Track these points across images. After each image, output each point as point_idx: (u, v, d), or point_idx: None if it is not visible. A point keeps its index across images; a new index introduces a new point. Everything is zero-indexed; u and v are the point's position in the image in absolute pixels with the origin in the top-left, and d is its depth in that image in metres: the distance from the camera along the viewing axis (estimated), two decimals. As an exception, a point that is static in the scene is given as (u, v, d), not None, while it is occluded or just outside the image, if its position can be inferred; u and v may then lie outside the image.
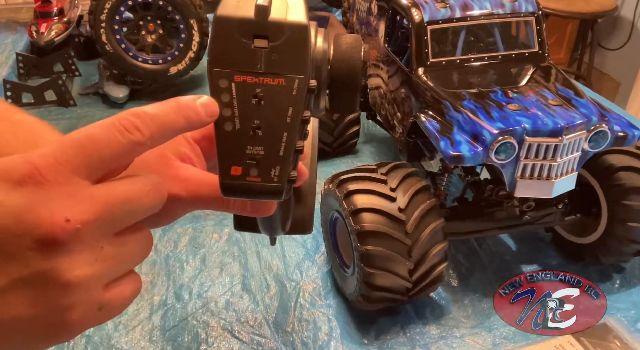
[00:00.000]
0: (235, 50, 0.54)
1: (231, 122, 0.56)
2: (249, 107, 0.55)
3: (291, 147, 0.56)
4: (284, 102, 0.55)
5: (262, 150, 0.56)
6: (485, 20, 2.48)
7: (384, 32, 2.78)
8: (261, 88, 0.55)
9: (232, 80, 0.55)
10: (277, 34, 0.54)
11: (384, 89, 2.82)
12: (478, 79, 2.30)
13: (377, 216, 1.90)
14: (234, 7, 0.54)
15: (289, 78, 0.55)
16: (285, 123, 0.56)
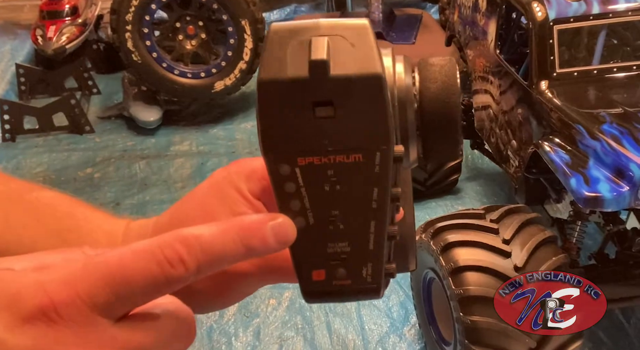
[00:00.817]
0: (293, 124, 0.53)
1: (303, 217, 0.56)
2: (322, 196, 0.55)
3: (382, 237, 0.57)
4: (365, 182, 0.55)
5: (347, 247, 0.57)
6: (634, 17, 2.49)
7: (495, 34, 2.84)
8: (334, 169, 0.54)
9: (295, 165, 0.54)
10: (345, 95, 0.52)
11: (494, 108, 2.86)
12: (623, 95, 2.32)
13: (485, 277, 1.94)
14: (279, 65, 0.52)
15: (368, 151, 0.54)
16: (370, 209, 0.56)
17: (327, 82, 0.51)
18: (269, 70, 0.52)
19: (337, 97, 0.52)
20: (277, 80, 0.52)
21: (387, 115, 0.53)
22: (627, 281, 2.22)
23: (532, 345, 1.92)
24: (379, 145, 0.53)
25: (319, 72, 0.51)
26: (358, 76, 0.51)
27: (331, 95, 0.52)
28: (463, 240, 1.99)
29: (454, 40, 3.69)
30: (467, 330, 1.91)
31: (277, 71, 0.52)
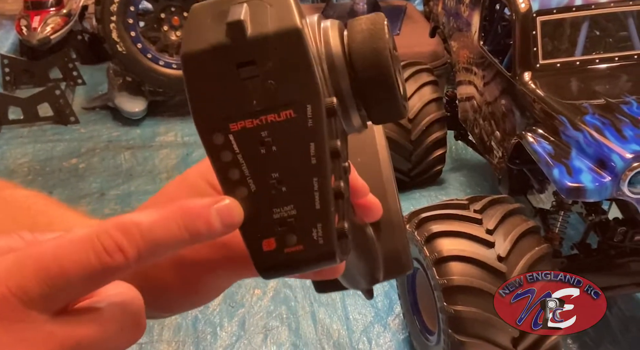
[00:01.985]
0: (220, 91, 0.52)
1: (244, 186, 0.54)
2: (260, 159, 0.53)
3: (328, 194, 0.54)
4: (300, 139, 0.53)
5: (293, 209, 0.54)
6: (616, 8, 2.50)
7: (478, 25, 2.84)
8: (267, 130, 0.53)
9: (228, 132, 0.53)
10: (265, 53, 0.52)
11: (478, 100, 2.87)
12: (605, 86, 2.32)
13: (469, 267, 1.94)
14: (200, 35, 0.52)
15: (298, 105, 0.52)
16: (310, 165, 0.53)
17: (247, 43, 0.51)
18: (190, 43, 0.52)
19: (258, 55, 0.51)
20: (199, 51, 0.52)
21: (310, 66, 0.52)
22: (608, 271, 2.24)
23: (515, 334, 1.93)
24: (308, 98, 0.52)
25: (237, 33, 0.51)
26: (275, 32, 0.51)
27: (252, 54, 0.51)
28: (447, 231, 2.00)
29: (438, 31, 3.70)
30: (451, 320, 1.91)
31: (198, 42, 0.52)
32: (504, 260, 1.94)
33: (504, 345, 1.94)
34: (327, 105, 0.53)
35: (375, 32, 0.58)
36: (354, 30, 0.58)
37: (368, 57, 0.57)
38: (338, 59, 0.56)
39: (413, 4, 5.10)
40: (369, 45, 0.57)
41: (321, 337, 2.21)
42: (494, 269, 1.93)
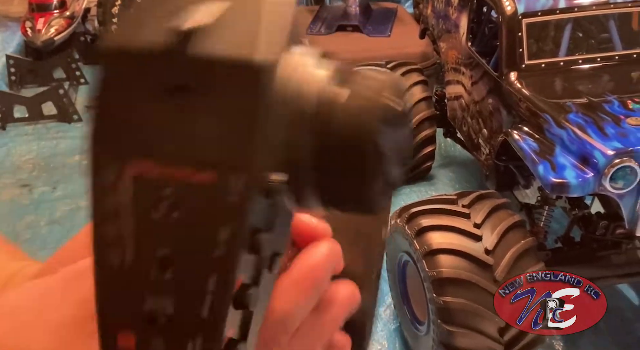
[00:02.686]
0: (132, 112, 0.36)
1: (118, 250, 0.37)
2: (151, 224, 0.36)
3: (223, 301, 0.37)
4: (212, 215, 0.36)
5: (172, 305, 0.37)
6: (598, 11, 2.51)
7: (466, 27, 2.84)
8: (174, 188, 0.36)
9: (122, 172, 0.36)
10: (205, 83, 0.35)
11: (466, 99, 2.87)
12: (588, 85, 2.33)
13: (457, 259, 1.94)
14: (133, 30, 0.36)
15: (224, 170, 0.35)
16: (212, 257, 0.36)
17: (186, 61, 0.34)
18: (118, 35, 0.36)
19: (194, 82, 0.35)
20: (122, 50, 0.35)
21: (258, 124, 0.35)
22: (591, 263, 2.25)
23: (501, 324, 1.93)
24: (240, 166, 0.35)
25: (178, 44, 0.34)
26: (227, 59, 0.34)
27: (186, 77, 0.35)
28: (436, 225, 2.00)
29: (428, 33, 3.69)
30: (440, 311, 1.92)
31: (127, 37, 0.36)
32: (491, 253, 1.94)
33: (491, 335, 1.94)
34: (268, 184, 0.37)
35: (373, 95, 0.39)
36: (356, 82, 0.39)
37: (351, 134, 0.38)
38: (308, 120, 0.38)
39: (403, 7, 5.09)
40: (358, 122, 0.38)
41: (315, 327, 2.19)
42: (481, 262, 1.93)
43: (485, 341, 1.94)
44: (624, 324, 2.25)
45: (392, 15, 4.63)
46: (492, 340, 1.94)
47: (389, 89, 0.39)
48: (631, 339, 2.22)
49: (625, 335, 2.24)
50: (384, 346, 2.25)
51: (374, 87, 0.39)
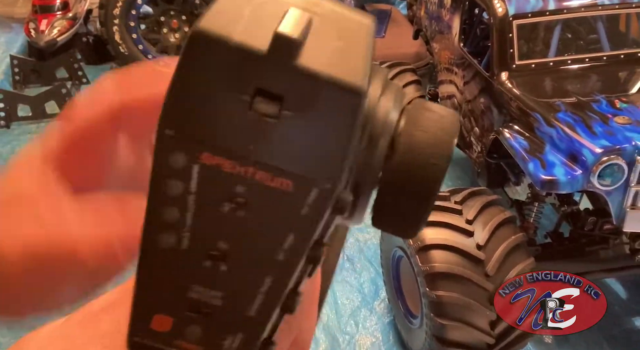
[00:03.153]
0: (216, 105, 0.36)
1: (174, 235, 0.37)
2: (215, 216, 0.37)
3: (274, 304, 0.38)
4: (281, 221, 0.37)
5: (219, 299, 0.38)
6: (586, 13, 2.51)
7: (458, 28, 2.84)
8: (246, 187, 0.36)
9: (195, 160, 0.36)
10: (303, 97, 0.35)
11: (458, 98, 2.87)
12: (577, 85, 2.33)
13: (450, 254, 1.95)
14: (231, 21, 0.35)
15: (304, 182, 0.36)
16: (273, 260, 0.37)
17: (287, 70, 0.34)
18: (214, 21, 0.35)
19: (291, 94, 0.35)
20: (219, 38, 0.34)
21: (347, 145, 0.36)
22: (580, 258, 2.25)
23: (492, 317, 1.94)
24: (321, 180, 0.36)
25: (282, 51, 0.34)
26: (331, 79, 0.34)
27: (285, 89, 0.35)
28: (429, 221, 1.98)
29: (421, 34, 3.69)
30: (433, 304, 1.92)
31: (225, 27, 0.35)
32: (483, 248, 1.95)
33: (482, 328, 1.95)
34: (339, 201, 0.37)
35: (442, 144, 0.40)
36: (417, 123, 0.40)
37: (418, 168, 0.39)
38: (382, 148, 0.39)
39: (397, 8, 5.09)
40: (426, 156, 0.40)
41: (312, 320, 2.20)
42: (473, 257, 1.93)
43: (476, 334, 1.95)
44: (612, 318, 2.26)
45: (386, 17, 4.63)
46: (484, 333, 1.95)
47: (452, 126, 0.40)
48: (619, 332, 2.23)
49: (613, 328, 2.25)
50: (378, 339, 2.26)
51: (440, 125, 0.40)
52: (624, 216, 1.99)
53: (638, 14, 2.52)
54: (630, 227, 2.01)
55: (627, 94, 2.24)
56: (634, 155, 1.92)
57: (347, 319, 2.26)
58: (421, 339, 2.06)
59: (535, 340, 2.21)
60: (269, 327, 0.38)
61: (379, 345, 2.21)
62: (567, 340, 2.18)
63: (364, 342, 2.19)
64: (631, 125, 2.00)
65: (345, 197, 0.36)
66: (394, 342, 2.26)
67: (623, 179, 1.94)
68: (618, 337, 2.29)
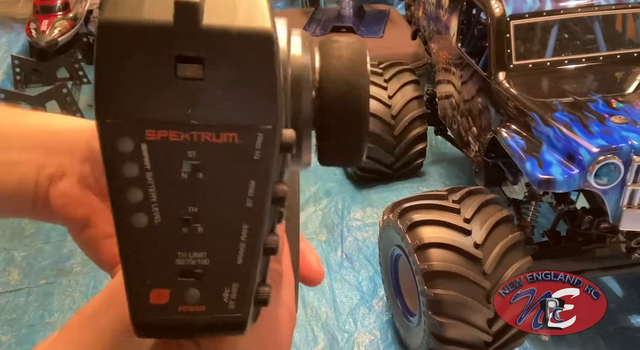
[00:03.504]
0: (144, 83, 0.36)
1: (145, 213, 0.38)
2: (177, 185, 0.38)
3: (257, 249, 0.39)
4: (239, 172, 0.38)
5: (206, 258, 0.39)
6: (583, 13, 2.51)
7: (456, 29, 2.84)
8: (197, 151, 0.37)
9: (141, 139, 0.37)
10: (220, 53, 0.36)
11: (456, 98, 2.87)
12: (573, 85, 2.33)
13: (448, 253, 1.95)
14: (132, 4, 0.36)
15: (247, 130, 0.37)
16: (243, 208, 0.38)
17: (198, 32, 0.36)
18: (116, 9, 0.36)
19: (210, 53, 0.36)
20: (127, 23, 0.36)
21: (275, 85, 0.37)
22: (576, 256, 2.26)
23: (489, 315, 1.94)
24: (262, 124, 0.37)
25: (188, 17, 0.35)
26: (241, 29, 0.36)
27: (202, 50, 0.36)
28: (427, 220, 2.00)
29: (419, 34, 3.69)
30: (431, 303, 1.92)
31: (129, 11, 0.36)
32: (480, 247, 1.95)
33: (480, 326, 1.95)
34: (283, 139, 0.38)
35: (357, 65, 0.43)
36: (330, 53, 0.43)
37: (344, 89, 0.42)
38: (305, 81, 0.42)
39: (396, 9, 5.09)
40: (347, 77, 0.43)
41: (310, 319, 2.21)
42: (470, 255, 1.94)
43: (474, 332, 1.95)
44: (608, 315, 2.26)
45: (384, 17, 4.63)
46: (481, 331, 1.95)
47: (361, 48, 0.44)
48: (614, 329, 2.23)
49: (609, 326, 2.25)
50: (377, 337, 2.26)
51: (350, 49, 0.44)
52: (620, 215, 1.99)
53: (634, 14, 2.52)
54: (627, 226, 2.01)
55: (624, 94, 2.24)
56: (630, 155, 1.92)
57: (345, 317, 2.26)
58: (419, 336, 2.07)
59: (532, 337, 2.22)
60: (259, 270, 0.39)
61: (377, 343, 2.21)
62: (563, 337, 2.18)
63: (362, 340, 2.19)
64: (627, 125, 2.00)
65: (288, 135, 0.38)
66: (392, 340, 2.26)
67: (619, 178, 1.94)
68: (614, 335, 2.29)
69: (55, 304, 2.57)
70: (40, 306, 2.56)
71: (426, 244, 1.95)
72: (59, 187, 0.55)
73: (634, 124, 2.00)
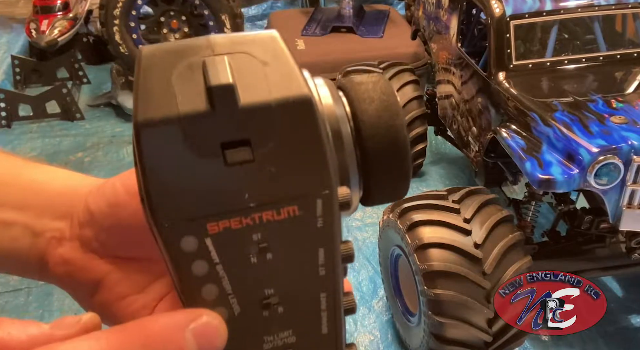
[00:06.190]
0: (195, 178, 0.35)
1: (224, 307, 0.37)
2: (248, 271, 0.37)
3: (338, 314, 0.39)
4: (306, 243, 0.37)
5: (292, 336, 0.39)
6: (583, 13, 2.51)
7: (456, 29, 2.84)
8: (261, 232, 0.36)
9: (204, 236, 0.36)
10: (265, 130, 0.35)
11: (456, 98, 2.87)
12: (573, 85, 2.33)
13: (447, 253, 1.94)
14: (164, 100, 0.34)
15: (306, 199, 0.36)
16: (317, 278, 0.38)
17: (238, 114, 0.34)
18: (149, 108, 0.34)
19: (254, 133, 0.35)
20: (165, 120, 0.34)
21: (323, 148, 0.36)
22: (576, 256, 2.26)
23: (489, 315, 1.94)
24: (319, 190, 0.36)
25: (225, 101, 0.34)
26: (280, 101, 0.35)
27: (246, 131, 0.35)
28: (427, 220, 2.00)
29: (419, 34, 3.69)
30: (431, 303, 1.92)
31: (162, 108, 0.34)
32: (480, 247, 1.95)
33: (480, 326, 1.95)
34: (341, 199, 0.37)
35: (390, 106, 0.42)
36: (359, 98, 0.42)
37: (385, 136, 0.41)
38: (347, 136, 0.41)
39: (396, 9, 5.09)
40: (385, 122, 0.41)
41: (310, 318, 2.20)
42: (470, 255, 1.93)
43: (474, 332, 1.95)
44: (608, 315, 2.26)
45: (384, 17, 4.63)
46: (481, 331, 1.95)
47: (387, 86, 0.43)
48: (615, 330, 2.23)
49: (609, 326, 2.25)
50: (377, 337, 2.26)
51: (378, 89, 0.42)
52: (620, 215, 1.99)
53: (634, 14, 2.52)
54: (627, 226, 2.01)
55: (624, 94, 2.23)
56: (630, 155, 1.92)
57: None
58: (419, 336, 2.07)
59: (532, 337, 2.22)
60: (344, 334, 0.40)
61: (377, 343, 2.21)
62: (563, 337, 2.18)
63: (362, 340, 2.19)
64: (627, 125, 2.00)
65: (344, 193, 0.38)
66: (392, 340, 2.26)
67: (619, 178, 1.94)
68: (613, 335, 2.29)
69: (55, 304, 2.57)
70: (40, 306, 2.57)
71: (426, 244, 1.95)
72: (58, 253, 0.53)
73: (634, 124, 2.00)
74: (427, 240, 1.96)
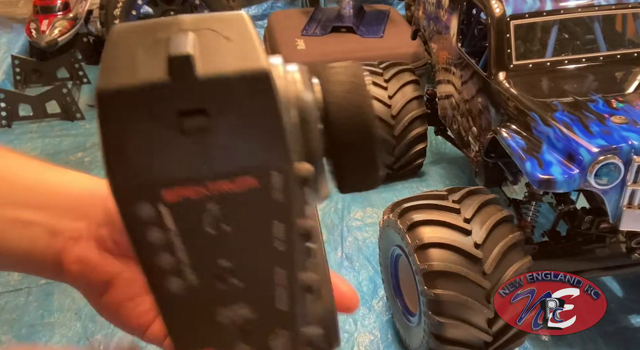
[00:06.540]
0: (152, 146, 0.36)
1: (179, 277, 0.38)
2: (205, 242, 0.37)
3: (295, 290, 0.39)
4: (263, 216, 0.37)
5: (247, 310, 0.39)
6: (583, 13, 2.51)
7: (456, 29, 2.84)
8: (218, 203, 0.37)
9: (160, 203, 0.36)
10: (222, 100, 0.35)
11: (456, 98, 2.87)
12: (573, 85, 2.33)
13: (448, 253, 1.95)
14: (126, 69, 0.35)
15: (263, 173, 0.36)
16: (274, 252, 0.38)
17: (195, 84, 0.35)
18: (110, 76, 0.35)
19: (211, 101, 0.35)
20: (125, 88, 0.35)
21: (280, 121, 0.36)
22: (577, 256, 2.26)
23: (490, 315, 1.94)
24: (276, 163, 0.36)
25: (183, 71, 0.35)
26: (237, 73, 0.35)
27: (202, 100, 0.35)
28: (427, 220, 2.00)
29: (419, 34, 3.69)
30: (431, 303, 1.92)
31: (124, 76, 0.35)
32: (480, 247, 1.95)
33: (480, 326, 1.95)
34: (302, 173, 0.38)
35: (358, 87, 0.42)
36: (330, 80, 0.43)
37: (351, 116, 0.42)
38: (312, 115, 0.41)
39: (396, 9, 5.09)
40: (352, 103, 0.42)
41: (310, 318, 2.20)
42: (471, 255, 1.94)
43: (474, 332, 1.95)
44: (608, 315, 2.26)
45: (384, 17, 4.63)
46: (481, 331, 1.95)
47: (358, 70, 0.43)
48: (615, 330, 2.23)
49: (609, 326, 2.25)
50: (377, 337, 2.26)
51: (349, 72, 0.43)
52: (620, 215, 1.99)
53: (634, 14, 2.52)
54: (627, 226, 2.01)
55: (624, 94, 2.24)
56: (631, 155, 1.92)
57: (345, 317, 2.26)
58: (419, 336, 2.07)
59: (532, 337, 2.22)
60: (301, 311, 0.39)
61: (377, 343, 2.21)
62: (563, 337, 2.18)
63: (362, 340, 2.19)
64: (627, 125, 2.00)
65: (305, 168, 0.38)
66: (392, 339, 2.26)
67: (619, 178, 1.94)
68: (613, 335, 2.29)
69: (55, 304, 2.57)
70: (40, 306, 2.56)
71: (426, 244, 1.95)
72: (74, 252, 0.55)
73: (634, 124, 2.00)
74: (427, 240, 1.96)
